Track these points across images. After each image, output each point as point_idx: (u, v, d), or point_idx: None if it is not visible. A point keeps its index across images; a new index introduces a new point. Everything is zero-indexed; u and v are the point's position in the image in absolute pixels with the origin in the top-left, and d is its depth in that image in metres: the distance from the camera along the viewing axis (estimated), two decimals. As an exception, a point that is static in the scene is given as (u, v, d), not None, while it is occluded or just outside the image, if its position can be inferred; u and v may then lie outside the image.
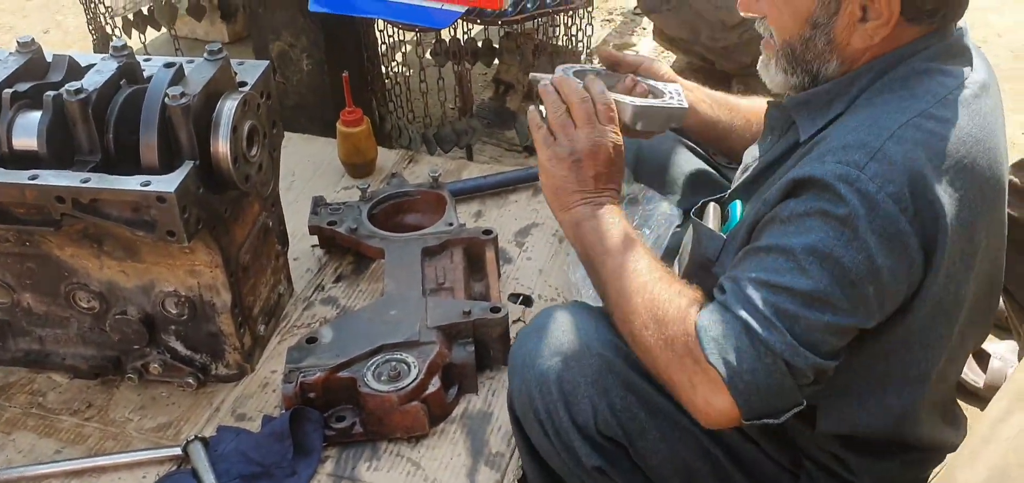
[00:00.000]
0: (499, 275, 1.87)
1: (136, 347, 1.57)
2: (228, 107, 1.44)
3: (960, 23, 1.24)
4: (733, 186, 1.42)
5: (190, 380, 1.60)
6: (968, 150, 1.15)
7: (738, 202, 1.35)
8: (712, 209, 1.38)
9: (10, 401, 1.58)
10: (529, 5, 2.55)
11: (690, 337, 1.15)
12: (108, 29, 3.04)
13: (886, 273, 1.11)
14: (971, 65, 1.23)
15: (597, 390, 1.26)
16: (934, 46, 1.20)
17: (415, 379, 1.51)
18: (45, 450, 1.51)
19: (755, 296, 1.13)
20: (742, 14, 1.33)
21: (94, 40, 3.10)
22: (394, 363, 1.54)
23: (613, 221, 1.31)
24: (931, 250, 1.13)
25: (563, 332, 1.30)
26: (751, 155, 1.43)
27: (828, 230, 1.10)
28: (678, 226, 1.76)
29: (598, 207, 1.33)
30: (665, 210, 1.87)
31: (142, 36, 3.06)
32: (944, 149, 1.13)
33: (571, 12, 2.74)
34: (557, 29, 2.94)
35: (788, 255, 1.13)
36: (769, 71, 1.33)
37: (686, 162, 1.80)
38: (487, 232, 1.88)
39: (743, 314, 1.12)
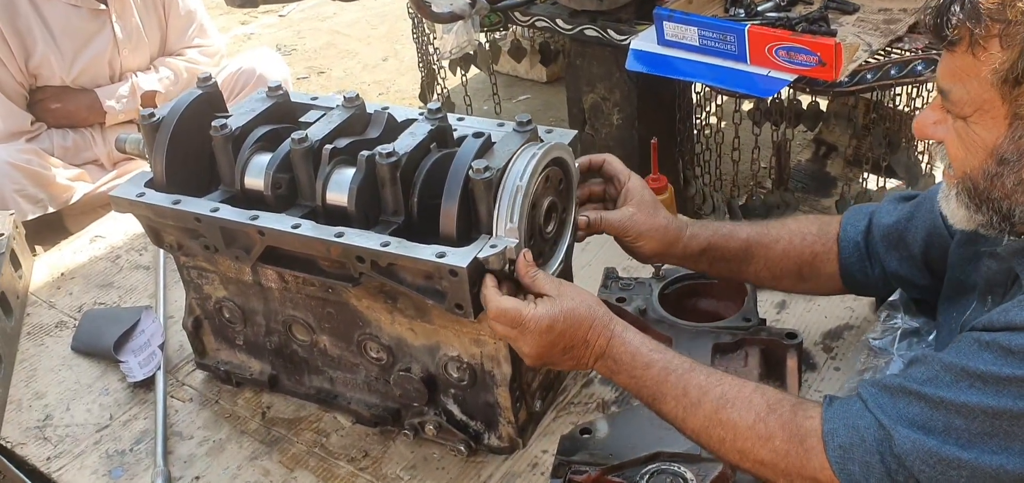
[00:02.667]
0: (800, 385, 1.66)
1: (415, 404, 1.58)
2: (529, 183, 1.39)
3: None
4: None
5: (462, 447, 1.57)
6: None
7: None
8: None
9: (298, 437, 1.66)
10: (869, 76, 2.29)
11: (811, 437, 1.13)
12: (435, 67, 3.20)
13: None
14: None
15: None
16: None
17: (692, 499, 1.37)
18: (321, 495, 1.56)
19: (905, 405, 1.08)
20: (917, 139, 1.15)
21: (422, 75, 3.29)
22: (670, 477, 1.40)
23: (629, 356, 1.29)
24: None
25: None
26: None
27: None
28: None
29: (603, 356, 1.31)
30: None
31: (465, 75, 3.19)
32: None
33: (919, 85, 2.44)
34: (897, 98, 2.65)
35: (965, 375, 1.05)
36: (949, 205, 1.20)
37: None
38: (791, 336, 1.67)
39: (884, 421, 1.08)
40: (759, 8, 2.42)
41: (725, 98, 2.77)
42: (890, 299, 1.72)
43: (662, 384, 1.27)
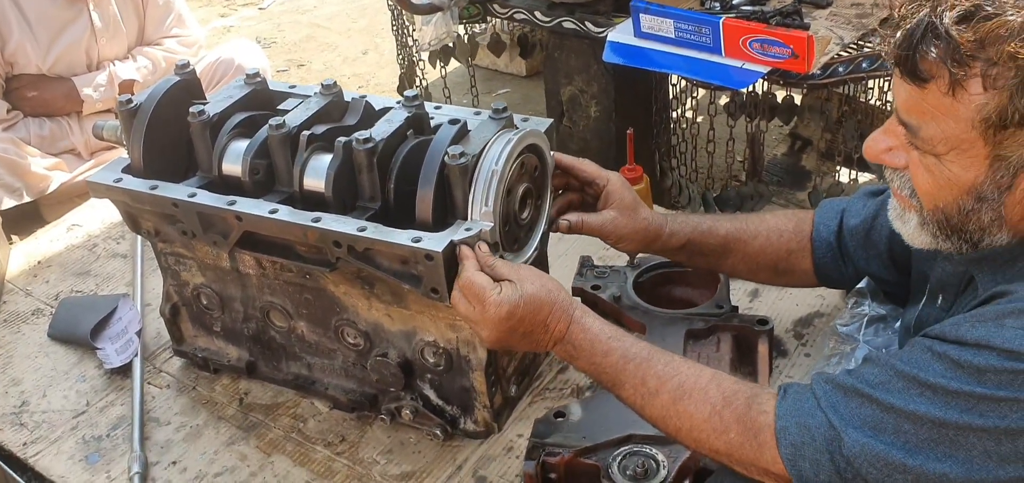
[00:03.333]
0: (770, 371, 1.69)
1: (392, 389, 1.60)
2: (503, 169, 1.41)
3: None
4: None
5: (438, 431, 1.59)
6: None
7: None
8: None
9: (275, 422, 1.67)
10: (841, 69, 2.32)
11: (764, 432, 1.15)
12: (414, 60, 3.21)
13: None
14: None
15: None
16: None
17: (663, 480, 1.39)
18: (297, 479, 1.57)
19: (857, 407, 1.09)
20: (869, 161, 1.16)
21: (402, 68, 3.29)
22: (642, 458, 1.43)
23: (588, 342, 1.30)
24: None
25: None
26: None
27: (976, 386, 1.02)
28: None
29: (562, 341, 1.32)
30: None
31: (444, 68, 3.20)
32: None
33: (890, 78, 2.47)
34: (869, 92, 2.68)
35: (915, 384, 1.06)
36: (908, 227, 1.18)
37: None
38: (762, 322, 1.70)
39: (835, 421, 1.10)
40: (734, 2, 2.45)
41: (701, 91, 2.80)
42: (858, 286, 1.76)
43: (620, 372, 1.28)
